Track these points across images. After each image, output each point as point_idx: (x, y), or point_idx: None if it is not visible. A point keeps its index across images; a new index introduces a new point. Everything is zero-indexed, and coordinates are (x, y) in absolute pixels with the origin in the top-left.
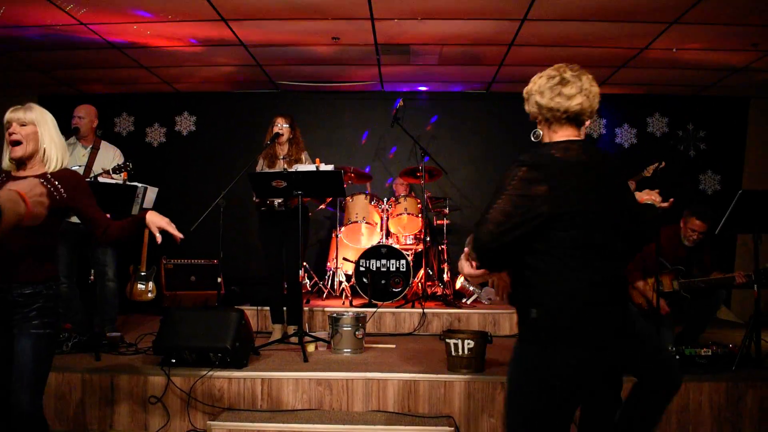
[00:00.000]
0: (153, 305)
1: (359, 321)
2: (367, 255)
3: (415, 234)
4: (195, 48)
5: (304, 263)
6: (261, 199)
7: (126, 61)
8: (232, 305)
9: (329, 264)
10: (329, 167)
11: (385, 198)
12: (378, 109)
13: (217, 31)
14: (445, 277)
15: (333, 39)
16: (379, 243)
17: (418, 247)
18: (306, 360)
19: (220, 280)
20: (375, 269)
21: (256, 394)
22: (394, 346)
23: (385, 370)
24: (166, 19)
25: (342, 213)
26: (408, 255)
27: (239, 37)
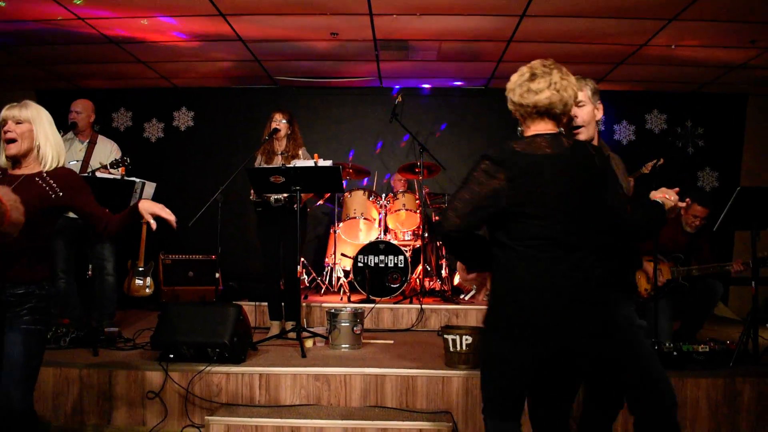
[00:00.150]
0: (151, 301)
1: (357, 317)
2: (366, 251)
3: (414, 230)
4: (193, 43)
5: (302, 259)
6: (257, 198)
7: (124, 56)
8: (230, 301)
9: (327, 260)
10: (327, 163)
11: (384, 194)
12: (376, 105)
13: (215, 27)
14: (444, 273)
15: (331, 34)
16: (378, 239)
17: (416, 243)
18: (304, 355)
19: (218, 275)
20: (373, 265)
21: (254, 389)
22: (392, 341)
23: (383, 365)
24: (164, 14)
25: (340, 209)
26: (406, 251)
27: (237, 33)
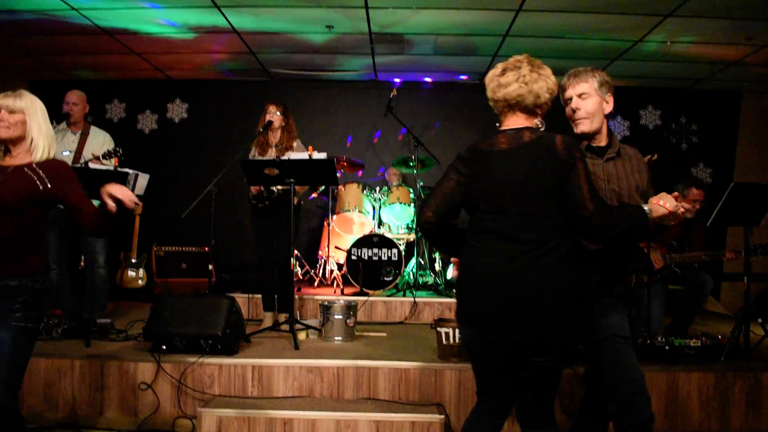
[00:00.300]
0: (143, 292)
1: (350, 309)
2: (359, 244)
3: (407, 223)
4: (187, 34)
5: (295, 251)
6: (254, 194)
7: (118, 47)
8: (223, 293)
9: (321, 252)
10: (322, 155)
11: (378, 187)
12: (371, 99)
13: (210, 18)
14: (437, 267)
15: (327, 27)
16: (371, 232)
17: (410, 237)
18: (297, 347)
19: (211, 267)
20: (367, 258)
21: (246, 381)
22: (385, 334)
23: (376, 358)
24: (158, 4)
25: (334, 202)
26: (400, 244)
27: (232, 25)
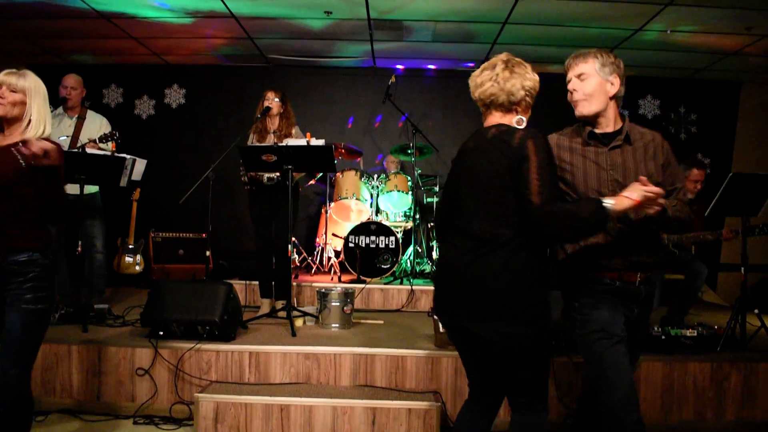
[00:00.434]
0: (140, 278)
1: (347, 296)
2: (357, 231)
3: (405, 211)
4: (185, 19)
5: (293, 238)
6: (249, 179)
7: (115, 32)
8: (220, 279)
9: (318, 240)
10: (320, 142)
11: (376, 174)
12: (370, 85)
13: (208, 2)
14: (434, 255)
15: (325, 13)
16: (369, 219)
17: (407, 225)
18: (294, 334)
19: (208, 253)
20: (364, 245)
21: (243, 367)
22: (382, 322)
23: (373, 345)
24: None
25: (332, 189)
26: (397, 232)
27: (230, 9)
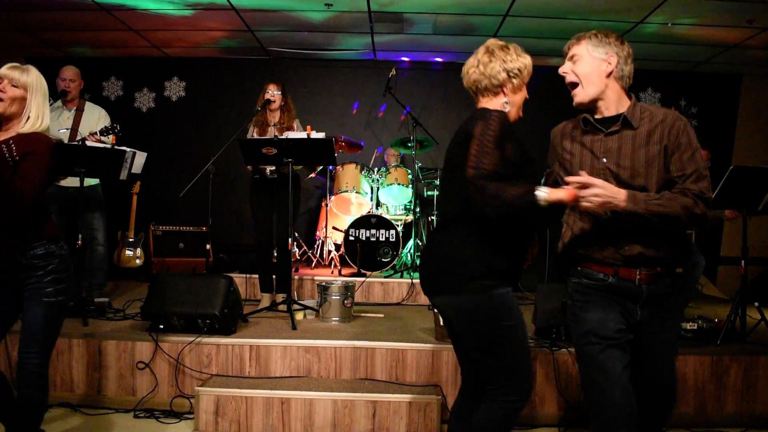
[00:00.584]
0: (141, 272)
1: (348, 290)
2: (357, 224)
3: (405, 204)
4: (185, 11)
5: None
6: (254, 167)
7: (115, 24)
8: (220, 272)
9: (318, 233)
10: (320, 135)
11: (376, 168)
12: (370, 78)
13: None
14: None
15: (326, 5)
16: (369, 213)
17: (407, 218)
18: (294, 328)
19: (208, 247)
20: (364, 239)
21: (244, 360)
22: (382, 315)
23: (373, 338)
24: None
25: (332, 182)
26: (398, 225)
27: (230, 1)
